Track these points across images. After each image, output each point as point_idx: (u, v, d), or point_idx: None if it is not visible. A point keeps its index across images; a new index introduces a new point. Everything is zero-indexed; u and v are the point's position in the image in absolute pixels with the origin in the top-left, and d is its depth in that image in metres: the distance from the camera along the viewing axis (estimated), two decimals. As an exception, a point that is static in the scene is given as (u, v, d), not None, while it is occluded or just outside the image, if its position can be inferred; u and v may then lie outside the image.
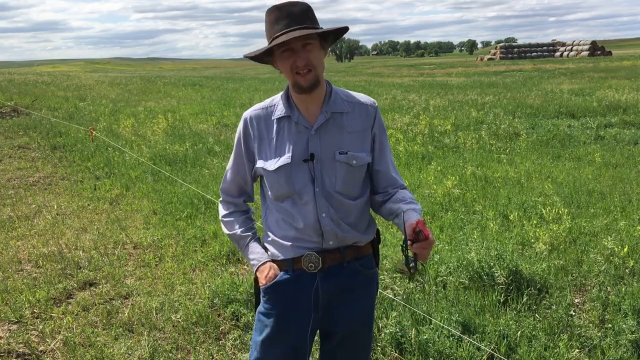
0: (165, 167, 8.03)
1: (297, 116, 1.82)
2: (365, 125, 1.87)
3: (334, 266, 1.86)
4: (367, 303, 1.99)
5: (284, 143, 1.82)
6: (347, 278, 1.89)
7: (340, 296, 1.89)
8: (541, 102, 14.87)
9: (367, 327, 2.02)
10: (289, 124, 1.83)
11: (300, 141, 1.81)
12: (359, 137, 1.85)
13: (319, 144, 1.81)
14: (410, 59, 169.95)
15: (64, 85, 27.34)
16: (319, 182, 1.81)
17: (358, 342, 2.00)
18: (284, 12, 1.71)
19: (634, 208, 5.44)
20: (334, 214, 1.83)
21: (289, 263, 1.86)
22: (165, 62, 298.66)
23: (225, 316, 3.61)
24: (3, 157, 9.45)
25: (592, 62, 44.81)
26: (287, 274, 1.87)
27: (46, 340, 3.40)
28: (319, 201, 1.81)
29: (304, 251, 1.84)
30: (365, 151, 1.86)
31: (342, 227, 1.84)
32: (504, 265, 3.84)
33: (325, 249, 1.85)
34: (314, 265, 1.84)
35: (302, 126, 1.82)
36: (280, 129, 1.84)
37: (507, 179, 6.84)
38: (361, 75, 37.96)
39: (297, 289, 1.86)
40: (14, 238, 5.26)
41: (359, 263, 1.91)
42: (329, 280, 1.86)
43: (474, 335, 3.17)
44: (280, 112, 1.84)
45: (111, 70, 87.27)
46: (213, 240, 4.96)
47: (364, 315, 1.98)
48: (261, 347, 1.90)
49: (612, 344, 3.10)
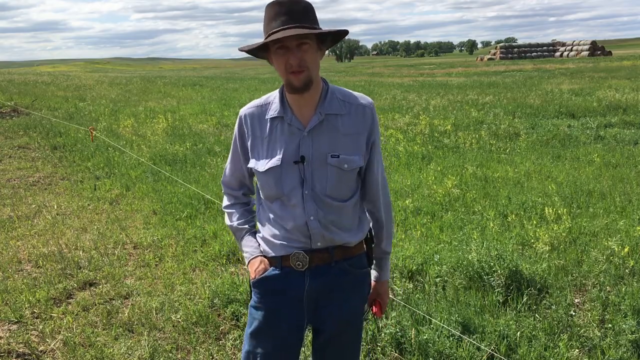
0: (165, 167, 8.03)
1: (290, 117, 1.80)
2: (360, 129, 1.84)
3: (321, 266, 1.86)
4: (358, 302, 1.98)
5: (276, 144, 1.81)
6: (335, 278, 1.88)
7: (329, 295, 1.89)
8: (541, 102, 14.86)
9: (357, 327, 2.03)
10: (281, 124, 1.81)
11: (292, 143, 1.80)
12: (353, 139, 1.83)
13: (310, 146, 1.79)
14: (410, 59, 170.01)
15: (64, 85, 27.35)
16: (308, 185, 1.80)
17: (347, 342, 2.00)
18: (284, 8, 1.69)
19: (634, 208, 5.44)
20: (323, 217, 1.82)
21: (278, 260, 1.87)
22: (165, 62, 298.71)
23: (225, 316, 3.61)
24: (3, 157, 9.45)
25: (592, 62, 44.81)
26: (276, 269, 1.88)
27: (46, 340, 3.40)
28: (307, 204, 1.80)
29: (292, 250, 1.84)
30: (358, 154, 1.83)
31: (330, 230, 1.83)
32: (504, 265, 3.84)
33: (313, 248, 1.84)
34: (302, 264, 1.83)
35: (294, 127, 1.80)
36: (273, 128, 1.82)
37: (507, 179, 6.84)
38: (361, 75, 37.96)
39: (286, 285, 1.87)
40: (14, 238, 5.26)
41: (348, 263, 1.90)
42: (317, 279, 1.86)
43: (474, 335, 3.17)
44: (274, 112, 1.83)
45: (111, 70, 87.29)
46: (213, 240, 4.97)
47: (354, 315, 1.98)
48: (251, 339, 1.92)
49: (612, 344, 3.10)
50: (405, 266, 4.08)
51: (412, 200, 5.92)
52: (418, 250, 4.35)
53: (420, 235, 4.87)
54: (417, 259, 4.17)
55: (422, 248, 4.41)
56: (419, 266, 4.10)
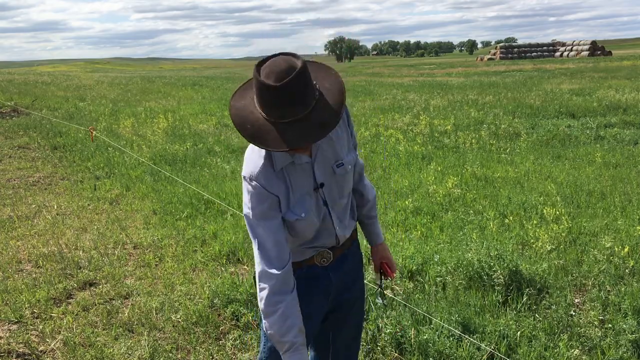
0: (165, 167, 8.03)
1: (297, 157, 1.75)
2: (343, 126, 1.87)
3: (339, 257, 1.98)
4: (361, 278, 2.15)
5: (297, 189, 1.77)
6: (350, 263, 2.03)
7: (347, 280, 2.03)
8: (541, 102, 14.85)
9: (363, 301, 2.20)
10: (293, 167, 1.76)
11: (308, 178, 1.79)
12: (342, 139, 1.86)
13: (322, 170, 1.81)
14: (410, 59, 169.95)
15: (64, 85, 27.34)
16: (330, 202, 1.86)
17: (357, 318, 2.19)
18: (282, 94, 1.53)
19: (634, 208, 5.44)
20: (341, 220, 1.93)
21: (300, 261, 1.92)
22: (165, 62, 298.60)
23: (225, 316, 3.61)
24: (3, 157, 9.45)
25: (592, 62, 44.77)
26: (302, 269, 1.91)
27: (46, 340, 3.40)
28: (334, 218, 1.90)
29: (317, 250, 1.93)
30: (351, 150, 1.90)
31: (348, 227, 1.98)
32: (504, 265, 3.84)
33: (335, 246, 1.96)
34: (327, 260, 1.93)
35: (303, 162, 1.77)
36: (286, 176, 1.75)
37: (507, 179, 6.84)
38: (361, 75, 37.93)
39: (310, 283, 1.92)
40: (14, 238, 5.26)
41: (355, 245, 2.08)
42: (338, 271, 1.98)
43: (474, 335, 3.17)
44: (282, 163, 1.73)
45: (111, 70, 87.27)
46: (213, 240, 4.97)
47: (361, 291, 2.15)
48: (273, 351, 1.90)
49: (612, 344, 3.10)
50: (405, 266, 4.08)
51: (412, 200, 5.92)
52: (418, 250, 4.35)
53: (420, 235, 4.87)
54: (417, 259, 4.17)
55: (422, 248, 4.42)
56: (419, 266, 4.10)
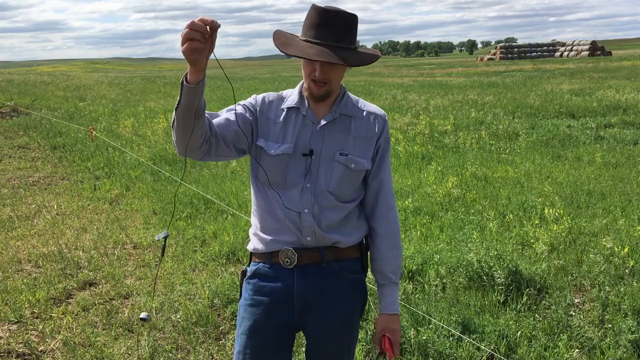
0: (165, 167, 8.03)
1: (306, 109, 1.83)
2: (371, 134, 1.87)
3: (311, 265, 1.83)
4: (347, 309, 1.89)
5: (288, 131, 1.82)
6: (325, 279, 1.84)
7: (318, 297, 1.84)
8: (541, 102, 14.86)
9: (346, 334, 1.93)
10: (296, 115, 1.83)
11: (303, 134, 1.82)
12: (363, 143, 1.85)
13: (321, 141, 1.81)
14: (410, 59, 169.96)
15: (64, 85, 27.33)
16: (312, 178, 1.80)
17: (332, 351, 1.93)
18: (328, 21, 1.67)
19: (633, 208, 5.44)
20: (318, 212, 1.80)
21: (268, 256, 1.87)
22: (165, 62, 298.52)
23: (225, 316, 3.61)
24: (3, 157, 9.45)
25: (592, 62, 44.78)
26: (266, 265, 1.87)
27: (46, 340, 3.40)
28: (305, 195, 1.79)
29: (282, 246, 1.83)
30: (366, 158, 1.85)
31: (322, 226, 1.81)
32: (504, 265, 3.84)
33: (304, 245, 1.82)
34: (290, 261, 1.81)
35: (309, 120, 1.82)
36: (287, 117, 1.84)
37: (507, 179, 6.84)
38: (361, 75, 37.93)
39: (274, 281, 1.85)
40: (14, 238, 5.26)
41: (339, 265, 1.86)
42: (306, 278, 1.83)
43: (474, 335, 3.17)
44: (291, 102, 1.84)
45: (111, 70, 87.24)
46: (213, 240, 4.97)
47: (342, 320, 1.89)
48: (241, 339, 1.89)
49: (611, 344, 3.10)
50: (405, 266, 4.08)
51: (412, 200, 5.92)
52: (418, 250, 4.35)
53: (420, 235, 4.88)
54: (417, 259, 4.17)
55: (422, 248, 4.42)
56: (419, 266, 4.10)
